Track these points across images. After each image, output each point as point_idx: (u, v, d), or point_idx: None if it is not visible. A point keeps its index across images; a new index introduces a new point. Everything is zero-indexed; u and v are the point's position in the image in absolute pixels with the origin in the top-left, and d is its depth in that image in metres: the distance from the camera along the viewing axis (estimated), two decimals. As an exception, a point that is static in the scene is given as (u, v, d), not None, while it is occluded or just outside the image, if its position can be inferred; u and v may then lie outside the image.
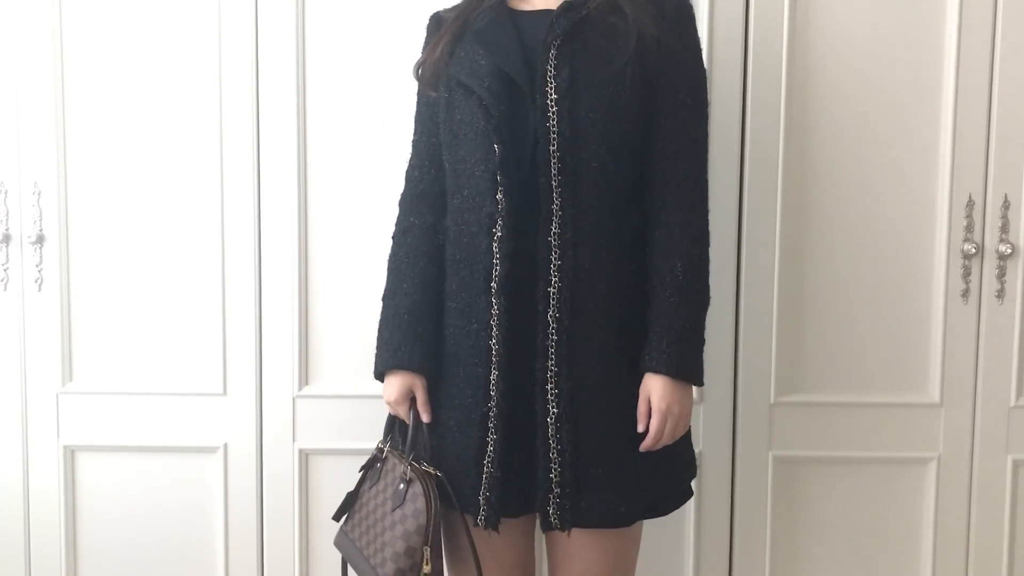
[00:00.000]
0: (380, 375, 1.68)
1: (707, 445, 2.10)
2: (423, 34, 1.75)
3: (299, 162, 2.05)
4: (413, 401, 1.65)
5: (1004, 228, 2.06)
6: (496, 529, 1.57)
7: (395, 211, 2.04)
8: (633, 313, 1.57)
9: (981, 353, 2.09)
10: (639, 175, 1.58)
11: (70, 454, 2.12)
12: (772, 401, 2.10)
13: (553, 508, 1.53)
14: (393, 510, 1.59)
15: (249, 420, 2.11)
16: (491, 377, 1.55)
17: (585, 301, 1.54)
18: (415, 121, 1.73)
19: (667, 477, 1.64)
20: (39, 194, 2.07)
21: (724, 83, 2.04)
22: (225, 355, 2.09)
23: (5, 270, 2.09)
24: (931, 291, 2.09)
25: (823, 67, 2.05)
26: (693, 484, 2.07)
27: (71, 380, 2.11)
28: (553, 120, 1.51)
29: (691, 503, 2.09)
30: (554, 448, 1.53)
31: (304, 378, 2.09)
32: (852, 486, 2.13)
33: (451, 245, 1.62)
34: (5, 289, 2.09)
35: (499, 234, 1.53)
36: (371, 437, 2.04)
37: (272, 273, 2.07)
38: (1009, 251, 2.05)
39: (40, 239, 2.07)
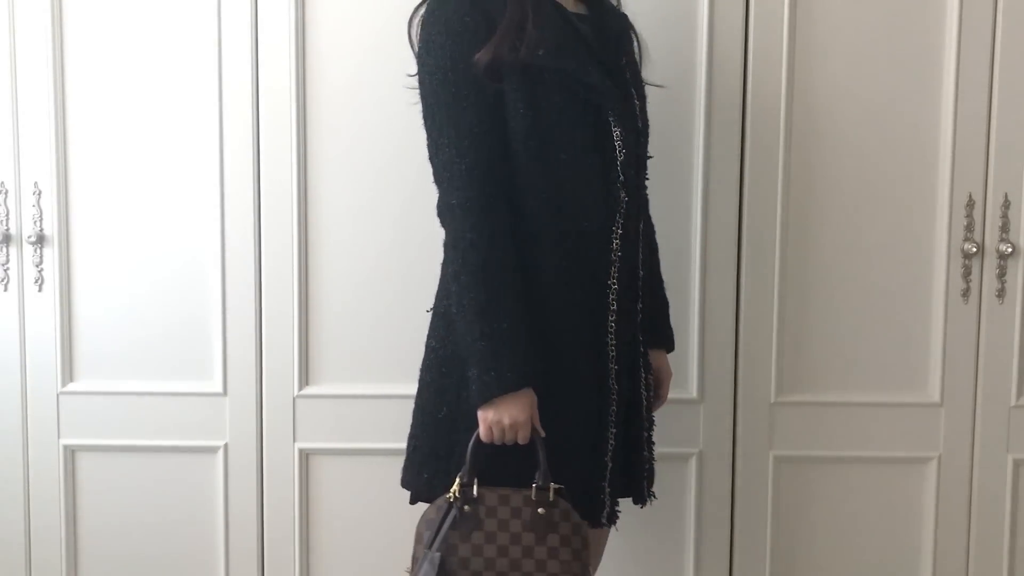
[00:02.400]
0: (495, 399, 1.47)
1: (707, 445, 2.10)
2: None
3: (299, 161, 2.05)
4: None
5: (1004, 228, 2.06)
6: (615, 523, 1.61)
7: (396, 212, 2.05)
8: None
9: (981, 353, 2.09)
10: None
11: (70, 454, 2.12)
12: (772, 401, 2.10)
13: (647, 484, 1.68)
14: (543, 539, 1.47)
15: (249, 420, 2.10)
16: (609, 373, 1.56)
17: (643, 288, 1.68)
18: (459, 112, 1.48)
19: None
20: (39, 194, 2.07)
21: (724, 83, 2.04)
22: (225, 355, 2.09)
23: (5, 270, 2.09)
24: (931, 291, 2.09)
25: (823, 66, 2.05)
26: (693, 483, 2.13)
27: (71, 380, 2.11)
28: (640, 123, 1.63)
29: (691, 503, 2.12)
30: (647, 428, 1.66)
31: (304, 378, 2.09)
32: (852, 486, 2.13)
33: (547, 248, 1.52)
34: (5, 289, 2.09)
35: (620, 231, 1.56)
36: (371, 437, 2.05)
37: (272, 273, 2.07)
38: (1009, 250, 2.05)
39: (40, 239, 2.07)
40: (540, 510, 1.47)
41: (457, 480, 1.50)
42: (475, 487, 1.49)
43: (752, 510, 2.12)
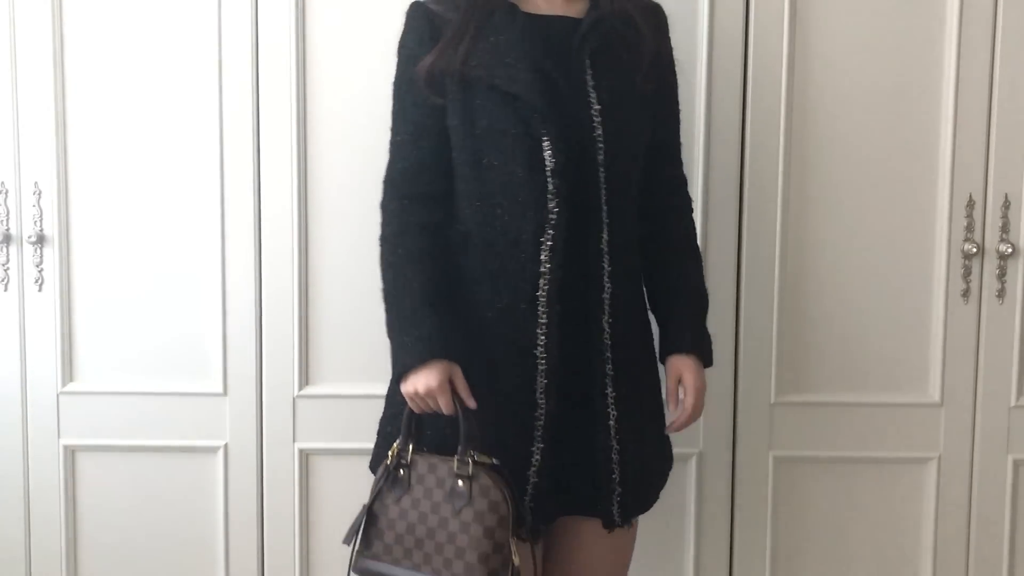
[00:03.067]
0: (405, 371, 1.54)
1: (707, 445, 2.10)
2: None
3: (299, 161, 2.05)
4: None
5: (1004, 228, 2.06)
6: (537, 541, 1.57)
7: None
8: (647, 312, 1.69)
9: (981, 353, 2.09)
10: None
11: (70, 454, 2.12)
12: (772, 401, 2.10)
13: (617, 508, 1.59)
14: (458, 512, 1.48)
15: (249, 420, 2.11)
16: (536, 387, 1.54)
17: (627, 305, 1.61)
18: (401, 122, 1.63)
19: (668, 461, 1.74)
20: (39, 194, 2.07)
21: (724, 83, 2.04)
22: (225, 355, 2.09)
23: (5, 270, 2.09)
24: (931, 291, 2.09)
25: (823, 66, 2.05)
26: (693, 483, 2.13)
27: (71, 380, 2.11)
28: (599, 130, 1.55)
29: (691, 503, 2.12)
30: (616, 450, 1.58)
31: (304, 378, 2.09)
32: (852, 486, 2.13)
33: (477, 253, 1.57)
34: (5, 289, 2.09)
35: (550, 243, 1.52)
36: (371, 437, 2.04)
37: (272, 273, 2.07)
38: (1009, 251, 2.05)
39: (40, 239, 2.07)
40: (459, 482, 1.49)
41: (394, 445, 1.56)
42: (409, 453, 1.54)
43: (752, 510, 2.12)
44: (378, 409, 2.02)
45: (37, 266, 2.08)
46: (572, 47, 1.57)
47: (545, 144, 1.52)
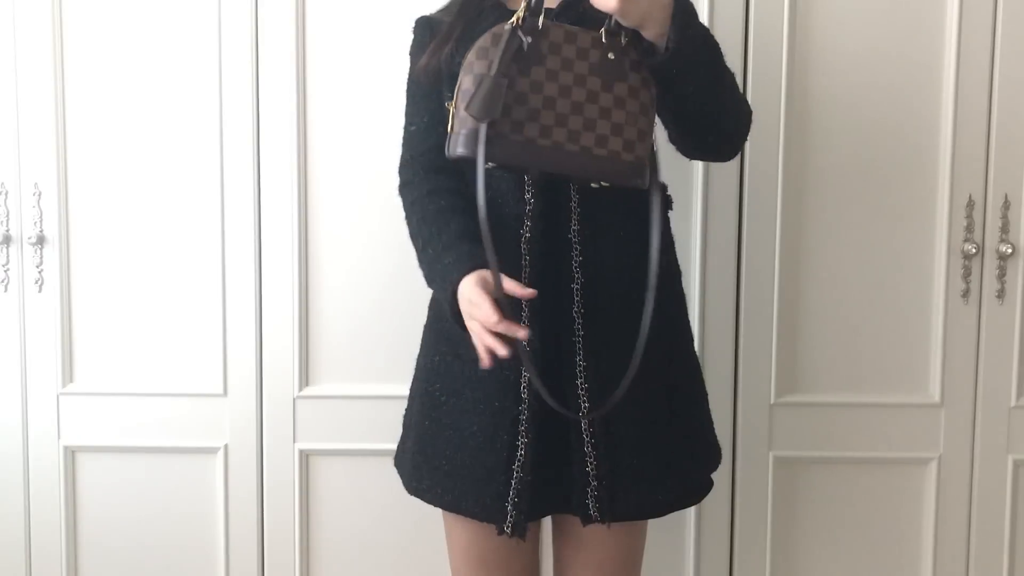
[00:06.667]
0: (453, 296, 1.45)
1: (707, 445, 2.10)
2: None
3: (299, 162, 2.05)
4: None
5: (1004, 228, 2.06)
6: (523, 536, 1.54)
7: (397, 211, 2.04)
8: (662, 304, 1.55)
9: (981, 353, 2.09)
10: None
11: (70, 455, 2.12)
12: (772, 401, 2.10)
13: (592, 502, 1.52)
14: (611, 86, 1.34)
15: (249, 421, 2.11)
16: (521, 379, 1.52)
17: (606, 295, 1.54)
18: (414, 113, 1.65)
19: (697, 466, 1.66)
20: (39, 195, 2.07)
21: (724, 83, 2.04)
22: (225, 355, 2.09)
23: (5, 271, 2.09)
24: (931, 291, 2.09)
25: (823, 67, 2.04)
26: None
27: (71, 381, 2.11)
28: None
29: (691, 503, 2.11)
30: (588, 442, 1.53)
31: (304, 378, 2.09)
32: (852, 486, 2.13)
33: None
34: (5, 290, 2.09)
35: (528, 235, 1.51)
36: (371, 438, 2.05)
37: (272, 273, 2.07)
38: (1009, 251, 2.05)
39: (40, 240, 2.07)
40: (610, 55, 1.35)
41: (523, 5, 1.34)
42: (541, 18, 1.34)
43: (752, 510, 2.13)
44: (378, 409, 2.03)
45: (37, 267, 2.08)
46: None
47: None
